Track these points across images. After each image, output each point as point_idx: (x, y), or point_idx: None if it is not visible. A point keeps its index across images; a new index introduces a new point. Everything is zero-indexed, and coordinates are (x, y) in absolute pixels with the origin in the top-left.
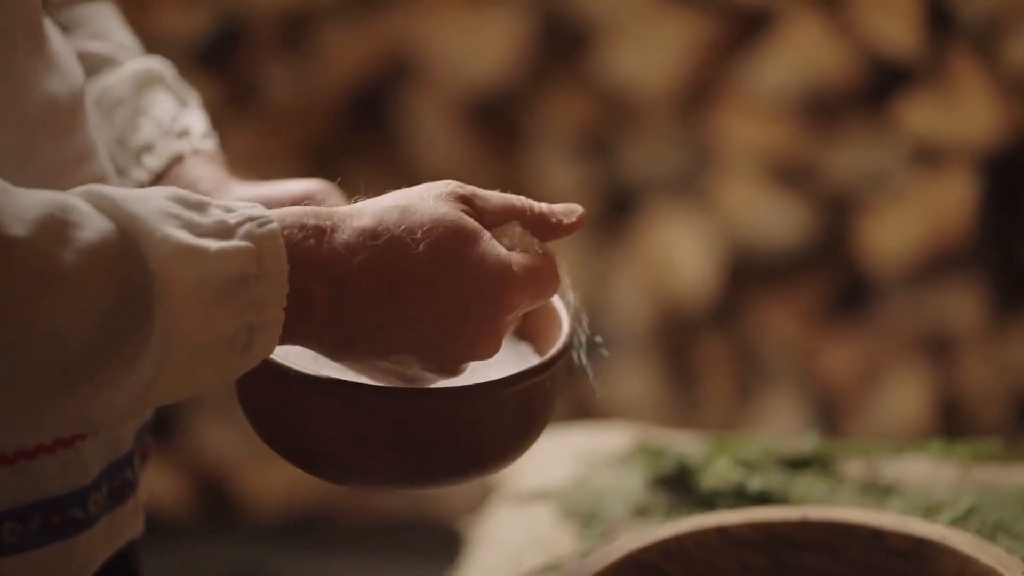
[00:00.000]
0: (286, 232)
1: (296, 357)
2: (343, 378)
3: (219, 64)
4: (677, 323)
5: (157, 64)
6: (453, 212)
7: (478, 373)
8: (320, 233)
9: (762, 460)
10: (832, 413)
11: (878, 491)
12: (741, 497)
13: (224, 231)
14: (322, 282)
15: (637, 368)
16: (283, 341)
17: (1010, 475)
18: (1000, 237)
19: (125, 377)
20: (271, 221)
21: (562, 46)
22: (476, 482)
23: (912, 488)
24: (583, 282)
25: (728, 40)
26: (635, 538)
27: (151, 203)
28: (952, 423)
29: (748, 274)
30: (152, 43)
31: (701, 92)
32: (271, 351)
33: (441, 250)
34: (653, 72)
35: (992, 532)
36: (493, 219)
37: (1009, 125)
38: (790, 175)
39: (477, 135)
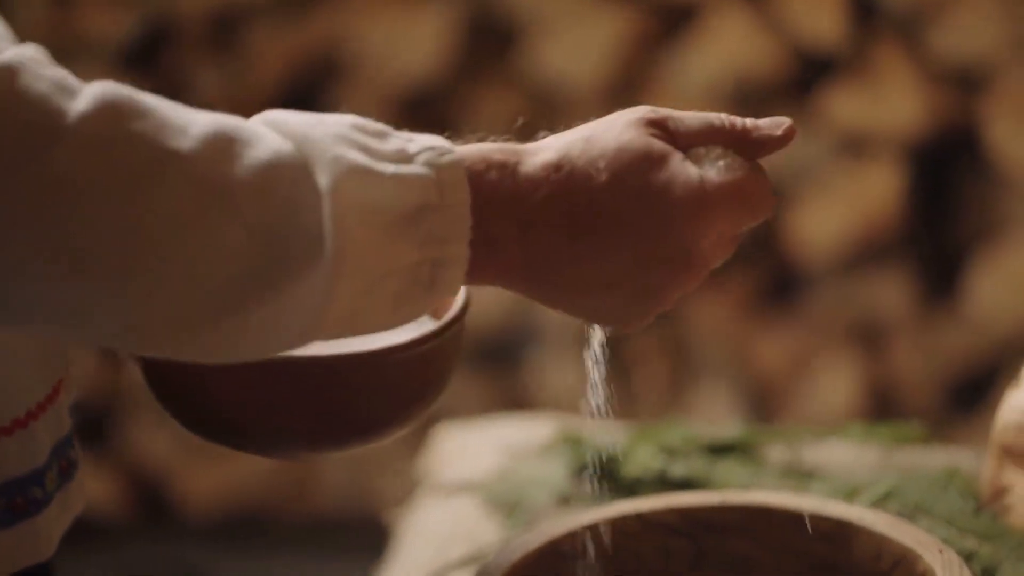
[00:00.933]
0: (468, 164)
1: None
2: None
3: (147, 65)
4: None
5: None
6: (640, 137)
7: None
8: (504, 167)
9: (685, 447)
10: (764, 403)
11: (800, 475)
12: (664, 484)
13: (403, 158)
14: (506, 218)
15: (568, 363)
16: (471, 280)
17: (931, 457)
18: (928, 225)
19: (293, 300)
20: (452, 151)
21: (491, 42)
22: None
23: (834, 472)
24: None
25: (655, 34)
26: (556, 525)
27: (328, 127)
28: (883, 410)
29: None
30: (79, 45)
31: (629, 86)
32: (456, 290)
33: (625, 177)
34: (581, 66)
35: (912, 513)
36: (690, 141)
37: (935, 114)
38: None
39: (408, 131)
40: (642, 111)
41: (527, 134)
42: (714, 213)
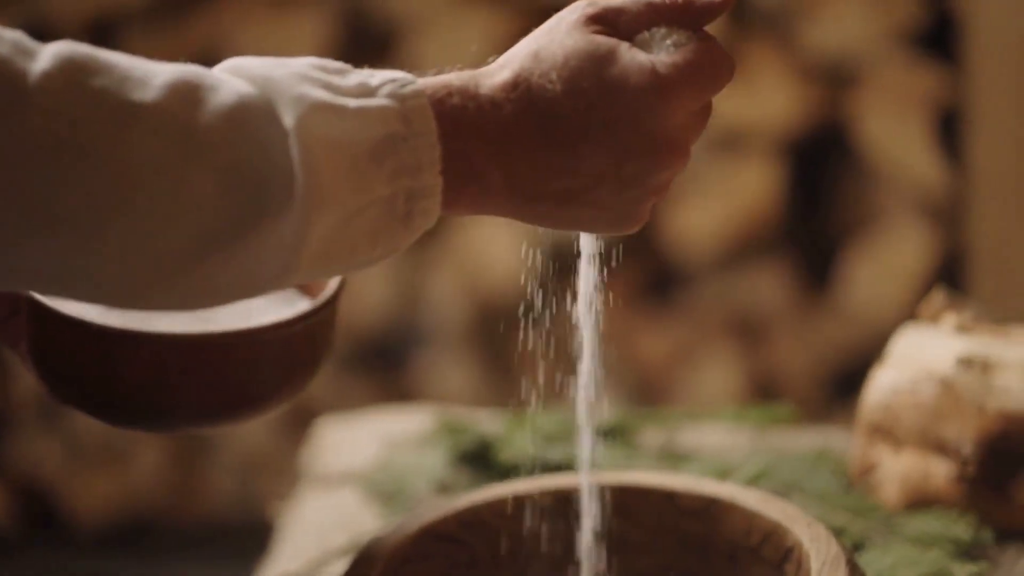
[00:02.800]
0: (430, 92)
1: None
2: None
3: None
4: (492, 315)
5: None
6: (584, 39)
7: (252, 316)
8: (464, 92)
9: (561, 432)
10: (648, 397)
11: (675, 458)
12: (541, 469)
13: (365, 91)
14: (476, 140)
15: (453, 360)
16: (451, 209)
17: (802, 437)
18: (803, 219)
19: (268, 240)
20: (414, 82)
21: (368, 46)
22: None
23: (707, 453)
24: (400, 278)
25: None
26: (432, 509)
27: (289, 68)
28: (766, 400)
29: (561, 264)
30: None
31: None
32: (433, 220)
33: (580, 81)
34: (458, 66)
35: (785, 491)
36: (633, 27)
37: (808, 109)
38: None
39: None
40: (581, 9)
41: None
42: (674, 93)
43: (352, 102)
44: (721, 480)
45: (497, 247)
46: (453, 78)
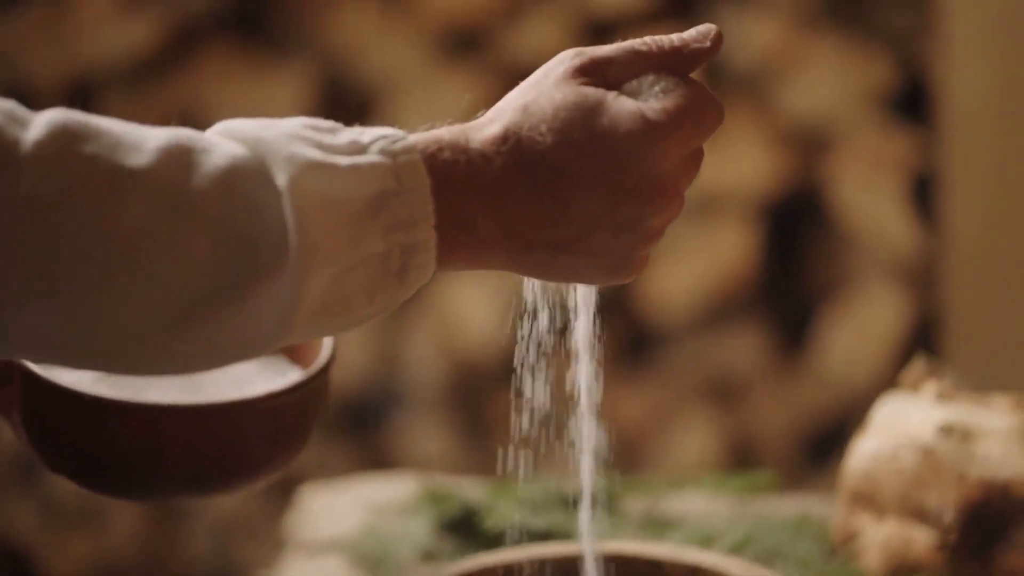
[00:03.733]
0: (421, 147)
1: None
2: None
3: None
4: (470, 378)
5: None
6: (572, 91)
7: (244, 386)
8: (455, 146)
9: (545, 500)
10: (626, 460)
11: (658, 525)
12: (526, 536)
13: (357, 149)
14: (468, 194)
15: (432, 423)
16: (447, 264)
17: (783, 505)
18: (779, 282)
19: (264, 300)
20: (405, 137)
21: (346, 108)
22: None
23: (690, 521)
24: (377, 341)
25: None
26: None
27: (280, 128)
28: (740, 462)
29: (543, 324)
30: None
31: None
32: (429, 274)
33: (570, 132)
34: None
35: (768, 559)
36: (621, 75)
37: (783, 172)
38: None
39: None
40: (568, 61)
41: None
42: (664, 137)
43: (344, 160)
44: (705, 548)
45: (474, 308)
46: (443, 133)
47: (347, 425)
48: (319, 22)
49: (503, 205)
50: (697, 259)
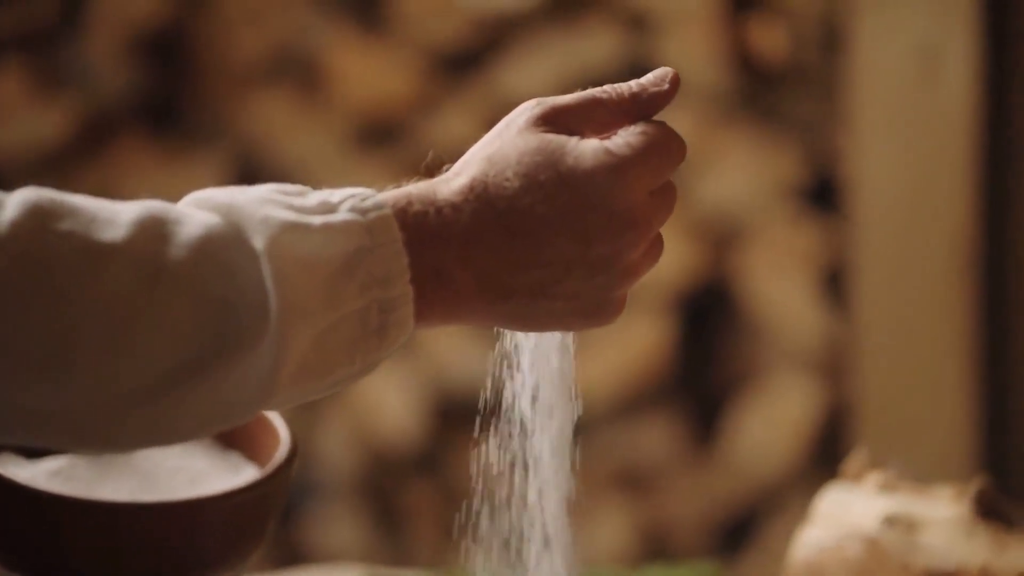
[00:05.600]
0: (391, 202)
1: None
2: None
3: None
4: (384, 468)
5: None
6: (534, 138)
7: (200, 483)
8: (424, 199)
9: None
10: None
11: None
12: None
13: (328, 208)
14: (441, 246)
15: (345, 514)
16: (425, 320)
17: None
18: (693, 372)
19: (246, 365)
20: (374, 195)
21: None
22: None
23: None
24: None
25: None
26: None
27: (250, 193)
28: (655, 552)
29: (453, 417)
30: None
31: None
32: (408, 331)
33: (536, 176)
34: None
35: None
36: (582, 124)
37: (697, 263)
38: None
39: None
40: (528, 112)
41: None
42: (630, 169)
43: (317, 219)
44: None
45: (387, 395)
46: (411, 188)
47: None
48: (233, 111)
49: (476, 253)
50: (611, 350)
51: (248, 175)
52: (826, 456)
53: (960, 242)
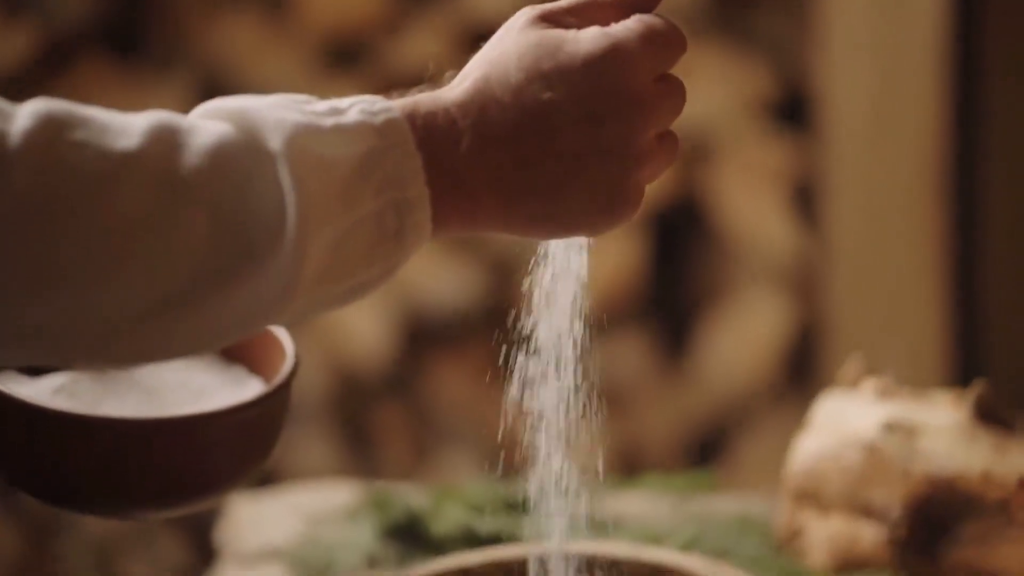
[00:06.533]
0: (399, 107)
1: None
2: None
3: None
4: (353, 390)
5: None
6: (534, 34)
7: (204, 398)
8: (433, 103)
9: (490, 503)
10: (512, 469)
11: (602, 526)
12: (472, 541)
13: (337, 112)
14: (451, 144)
15: (315, 436)
16: (446, 225)
17: (723, 504)
18: (664, 290)
19: (265, 271)
20: (381, 100)
21: None
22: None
23: (633, 522)
24: None
25: None
26: None
27: (260, 100)
28: (630, 467)
29: (422, 338)
30: None
31: None
32: (426, 235)
33: (538, 67)
34: None
35: (717, 557)
36: (578, 23)
37: (668, 182)
38: (460, 241)
39: None
40: (526, 14)
41: None
42: (630, 49)
43: (328, 120)
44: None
45: (358, 317)
46: (417, 96)
47: None
48: (197, 35)
49: (488, 151)
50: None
51: (212, 96)
52: (797, 372)
53: (930, 157)
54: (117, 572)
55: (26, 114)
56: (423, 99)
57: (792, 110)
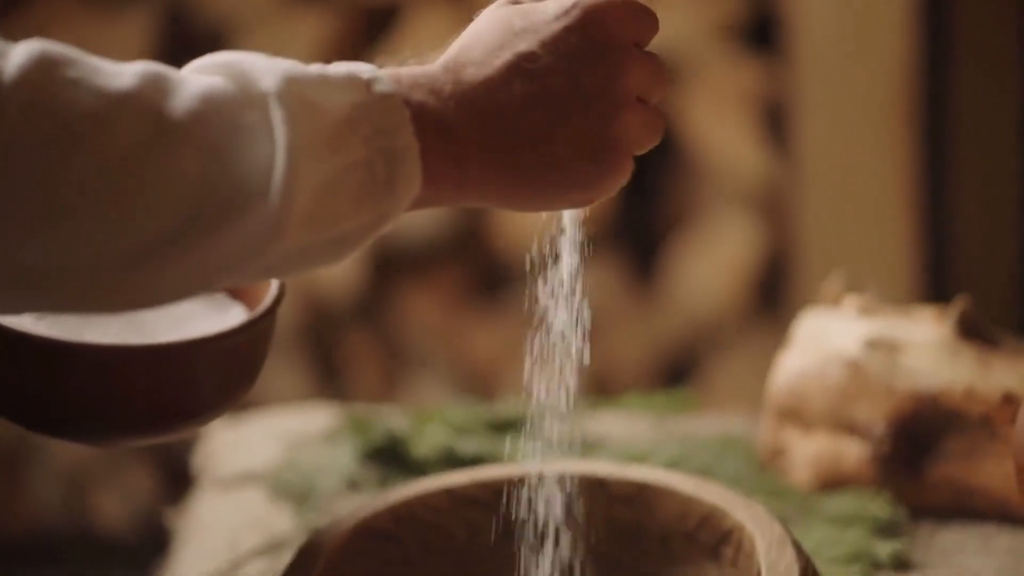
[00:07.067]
0: (382, 68)
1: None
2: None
3: None
4: (324, 317)
5: None
6: (503, 9)
7: (187, 324)
8: (413, 68)
9: (471, 425)
10: (480, 394)
11: (584, 446)
12: (453, 462)
13: (323, 69)
14: (439, 103)
15: (286, 365)
16: (438, 184)
17: (704, 423)
18: (633, 214)
19: (255, 212)
20: (364, 65)
21: (193, 47)
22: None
23: (615, 441)
24: None
25: (357, 36)
26: (366, 505)
27: (247, 54)
28: (601, 391)
29: (391, 266)
30: None
31: None
32: (417, 186)
33: (508, 27)
34: None
35: (700, 476)
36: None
37: None
38: None
39: None
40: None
41: None
42: (600, 4)
43: (315, 71)
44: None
45: None
46: (397, 65)
47: None
48: None
49: (471, 105)
50: None
51: (178, 32)
52: (769, 294)
53: (901, 79)
54: (87, 501)
55: (20, 52)
56: (404, 68)
57: (761, 32)
